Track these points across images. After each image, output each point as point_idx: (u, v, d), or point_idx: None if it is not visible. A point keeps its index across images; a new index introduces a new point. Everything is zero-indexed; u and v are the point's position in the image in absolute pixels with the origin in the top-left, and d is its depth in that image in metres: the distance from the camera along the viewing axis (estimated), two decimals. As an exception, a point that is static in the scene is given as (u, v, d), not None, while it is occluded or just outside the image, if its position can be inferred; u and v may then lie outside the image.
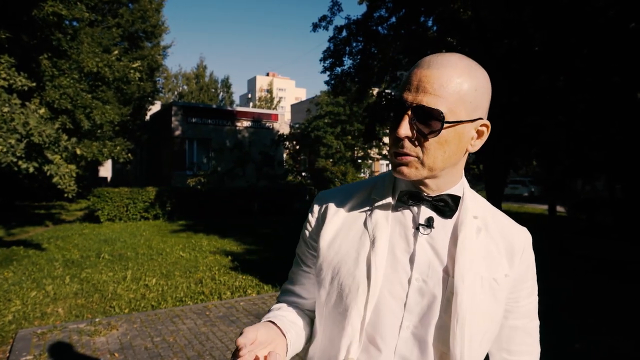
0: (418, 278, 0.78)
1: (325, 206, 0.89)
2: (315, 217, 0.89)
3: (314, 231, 0.88)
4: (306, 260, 0.91)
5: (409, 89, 0.73)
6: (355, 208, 0.86)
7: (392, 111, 0.76)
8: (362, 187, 0.89)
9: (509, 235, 0.86)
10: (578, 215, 14.21)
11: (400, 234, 0.81)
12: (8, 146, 5.40)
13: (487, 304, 0.79)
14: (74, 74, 9.42)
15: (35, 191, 17.30)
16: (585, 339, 3.81)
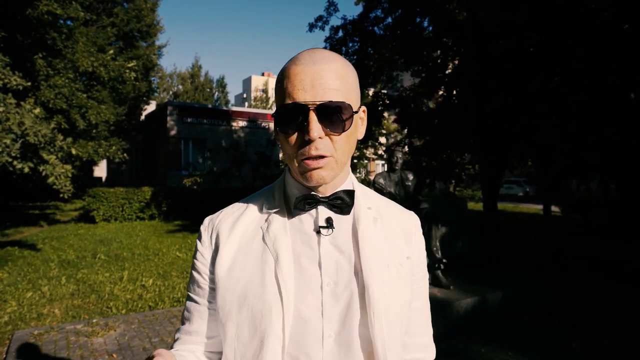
0: (329, 282, 0.75)
1: (214, 231, 0.81)
2: (205, 246, 0.81)
3: (208, 261, 0.80)
4: (203, 295, 0.81)
5: (303, 89, 0.70)
6: (249, 226, 0.80)
7: (291, 117, 0.72)
8: (251, 202, 0.84)
9: (401, 220, 0.88)
10: (572, 215, 14.30)
11: (302, 241, 0.77)
12: (3, 146, 5.36)
13: (398, 291, 0.79)
14: (69, 74, 9.37)
15: (29, 191, 17.20)
16: (581, 339, 3.84)
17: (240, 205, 0.85)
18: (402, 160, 5.19)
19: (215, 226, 0.82)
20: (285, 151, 0.76)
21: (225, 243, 0.79)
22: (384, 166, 35.83)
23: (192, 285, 0.83)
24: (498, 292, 4.38)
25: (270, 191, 0.84)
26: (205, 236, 0.82)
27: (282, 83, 0.73)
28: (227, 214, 0.83)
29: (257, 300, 0.73)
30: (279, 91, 0.74)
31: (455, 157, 11.71)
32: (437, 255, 4.51)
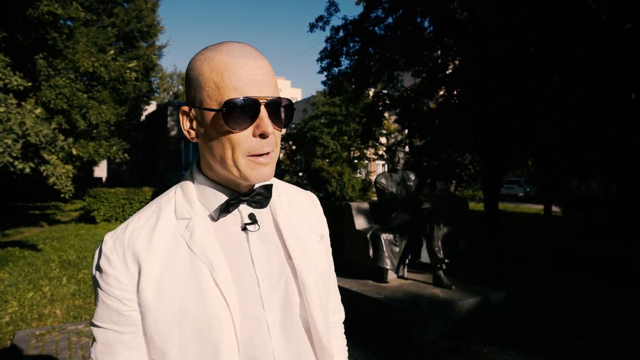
0: (264, 277, 0.76)
1: (127, 251, 0.72)
2: (119, 269, 0.71)
3: (127, 285, 0.71)
4: (127, 323, 0.72)
5: (251, 83, 0.69)
6: (167, 238, 0.73)
7: (242, 113, 0.68)
8: (156, 213, 0.76)
9: (306, 201, 0.93)
10: (573, 215, 14.29)
11: (230, 242, 0.76)
12: (4, 146, 5.36)
13: (322, 267, 0.85)
14: (69, 74, 9.37)
15: (30, 191, 17.19)
16: (583, 339, 3.83)
17: (145, 218, 0.75)
18: (404, 160, 5.19)
19: (127, 245, 0.72)
20: (219, 148, 0.71)
21: (145, 261, 0.71)
22: (384, 166, 35.83)
23: (108, 314, 0.72)
24: (500, 292, 4.37)
25: (172, 198, 0.78)
26: (115, 258, 0.71)
27: (221, 75, 0.68)
28: (135, 229, 0.74)
29: (200, 313, 0.69)
30: (218, 83, 0.68)
31: (456, 157, 11.70)
32: (439, 255, 4.50)
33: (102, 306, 0.72)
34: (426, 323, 3.76)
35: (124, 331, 0.72)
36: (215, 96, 0.69)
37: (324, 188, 21.91)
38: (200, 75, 0.70)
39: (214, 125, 0.70)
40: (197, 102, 0.71)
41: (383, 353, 3.55)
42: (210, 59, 0.70)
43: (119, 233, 0.74)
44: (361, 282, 4.72)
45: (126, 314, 0.71)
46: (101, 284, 0.72)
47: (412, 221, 4.79)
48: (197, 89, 0.71)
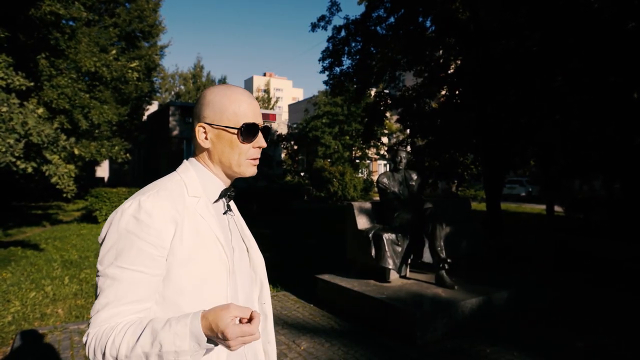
0: (235, 248, 1.08)
1: (166, 213, 0.94)
2: (162, 224, 0.93)
3: (163, 238, 0.93)
4: (155, 267, 0.92)
5: (256, 115, 1.07)
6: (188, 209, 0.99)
7: (251, 132, 1.05)
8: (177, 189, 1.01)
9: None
10: (575, 215, 14.25)
11: (220, 219, 1.07)
12: (7, 146, 5.36)
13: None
14: (71, 74, 9.37)
15: (32, 191, 17.22)
16: (586, 339, 3.82)
17: (170, 191, 1.00)
18: (406, 160, 5.18)
19: (165, 206, 0.95)
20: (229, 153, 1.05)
21: (179, 222, 0.95)
22: (386, 166, 35.80)
23: (140, 258, 0.91)
24: (502, 292, 4.36)
25: (181, 182, 1.03)
26: (158, 214, 0.93)
27: (240, 107, 1.04)
28: (167, 196, 0.97)
29: (212, 259, 0.98)
30: (236, 112, 1.04)
31: (458, 157, 11.67)
32: (442, 255, 4.49)
33: (137, 252, 0.91)
34: (428, 323, 3.75)
35: (152, 273, 0.92)
36: (233, 119, 1.04)
37: (326, 188, 21.89)
38: (222, 105, 1.04)
39: (229, 138, 1.05)
40: (217, 121, 1.04)
41: (385, 353, 3.54)
42: (229, 95, 1.05)
43: (155, 196, 0.96)
44: (363, 282, 4.71)
45: (158, 259, 0.92)
46: (139, 233, 0.91)
47: (414, 221, 4.78)
48: (218, 113, 1.04)
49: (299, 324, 4.25)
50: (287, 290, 5.49)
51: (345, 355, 3.52)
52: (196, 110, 1.07)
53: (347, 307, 4.54)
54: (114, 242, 0.92)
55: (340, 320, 4.34)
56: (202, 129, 1.05)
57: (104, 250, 0.93)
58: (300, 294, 5.27)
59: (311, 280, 5.27)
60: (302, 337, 3.90)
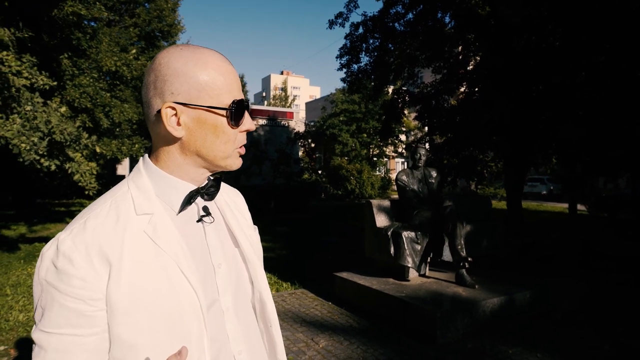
0: (219, 264, 0.83)
1: (91, 249, 0.70)
2: (84, 269, 0.69)
3: (94, 284, 0.69)
4: (88, 325, 0.69)
5: (239, 87, 0.79)
6: (132, 235, 0.73)
7: (241, 112, 0.79)
8: (113, 210, 0.75)
9: (235, 194, 1.01)
10: (599, 214, 13.91)
11: (190, 233, 0.80)
12: (31, 144, 5.47)
13: (261, 254, 0.97)
14: (93, 73, 9.54)
15: (55, 189, 17.62)
16: (612, 341, 3.71)
17: (104, 215, 0.74)
18: (425, 157, 5.11)
19: (91, 242, 0.70)
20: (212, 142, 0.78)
21: (114, 258, 0.70)
22: (404, 164, 35.55)
23: (66, 318, 0.68)
24: (525, 292, 4.27)
25: (126, 194, 0.78)
26: (78, 257, 0.69)
27: (221, 78, 0.76)
28: (96, 226, 0.72)
29: (172, 301, 0.72)
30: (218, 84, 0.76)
31: (477, 155, 11.51)
32: (462, 253, 4.42)
33: (59, 310, 0.68)
34: (449, 322, 3.69)
35: (85, 333, 0.69)
36: (216, 97, 0.75)
37: (343, 186, 21.85)
38: (198, 76, 0.75)
39: (213, 122, 0.77)
40: (194, 100, 0.75)
41: (405, 352, 3.50)
42: (206, 62, 0.76)
43: (78, 231, 0.71)
44: (382, 280, 4.67)
45: (90, 315, 0.69)
46: (59, 285, 0.68)
47: (433, 219, 4.72)
48: (195, 88, 0.74)
49: (317, 322, 4.24)
50: (306, 287, 5.48)
51: (364, 353, 3.49)
52: (155, 84, 0.75)
53: (366, 305, 4.50)
54: (38, 296, 0.71)
55: (359, 318, 4.31)
56: (173, 112, 0.75)
57: (34, 306, 0.72)
58: (319, 291, 5.26)
59: (329, 277, 5.25)
60: (320, 335, 3.89)
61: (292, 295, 5.18)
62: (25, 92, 5.73)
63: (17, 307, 4.67)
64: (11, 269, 6.31)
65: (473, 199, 6.24)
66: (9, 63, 5.25)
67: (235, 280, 0.86)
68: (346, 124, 27.07)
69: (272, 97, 52.09)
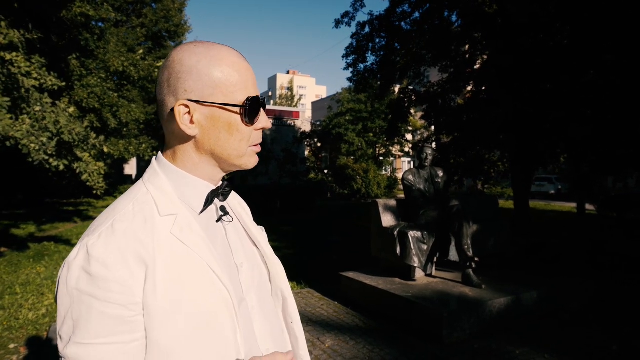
0: (242, 263, 0.82)
1: (127, 254, 0.67)
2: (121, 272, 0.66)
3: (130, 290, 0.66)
4: (131, 331, 0.67)
5: (255, 84, 0.78)
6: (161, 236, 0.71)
7: (256, 109, 0.77)
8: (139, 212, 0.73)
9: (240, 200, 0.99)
10: (608, 213, 13.79)
11: (212, 233, 0.79)
12: (40, 144, 5.52)
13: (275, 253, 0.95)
14: (101, 74, 9.60)
15: (63, 188, 17.76)
16: (620, 342, 3.68)
17: (130, 217, 0.72)
18: (432, 156, 5.10)
19: (125, 245, 0.68)
20: (227, 141, 0.76)
21: (149, 260, 0.68)
22: (410, 163, 35.45)
23: (107, 326, 0.65)
24: (532, 292, 4.24)
25: (147, 196, 0.75)
26: (114, 260, 0.66)
27: (237, 74, 0.75)
28: (125, 229, 0.70)
29: (207, 302, 0.71)
30: (232, 81, 0.74)
31: (484, 154, 11.45)
32: (468, 253, 4.40)
33: (98, 318, 0.65)
34: (455, 322, 3.68)
35: (127, 340, 0.66)
36: (230, 94, 0.74)
37: (349, 185, 21.83)
38: (212, 73, 0.74)
39: (227, 120, 0.75)
40: (207, 97, 0.74)
41: (411, 352, 3.50)
42: (220, 59, 0.75)
43: (107, 235, 0.68)
44: (388, 279, 4.66)
45: (131, 320, 0.66)
46: (96, 293, 0.65)
47: (440, 218, 4.71)
48: (208, 85, 0.74)
49: (323, 322, 4.24)
50: (312, 287, 5.49)
51: (370, 353, 3.49)
52: (169, 82, 0.75)
53: (372, 305, 4.50)
54: (67, 308, 0.66)
55: (365, 318, 4.31)
56: (186, 109, 0.74)
57: (59, 320, 0.67)
58: (325, 291, 5.26)
59: (335, 277, 5.25)
60: (326, 335, 3.90)
61: (298, 295, 5.19)
62: (35, 93, 5.78)
63: (27, 305, 4.73)
64: (21, 268, 6.38)
65: (480, 199, 6.21)
66: (19, 64, 5.31)
67: (258, 278, 0.86)
68: (352, 124, 27.03)
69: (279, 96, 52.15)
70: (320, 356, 3.45)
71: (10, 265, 6.53)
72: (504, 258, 5.52)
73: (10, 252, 7.46)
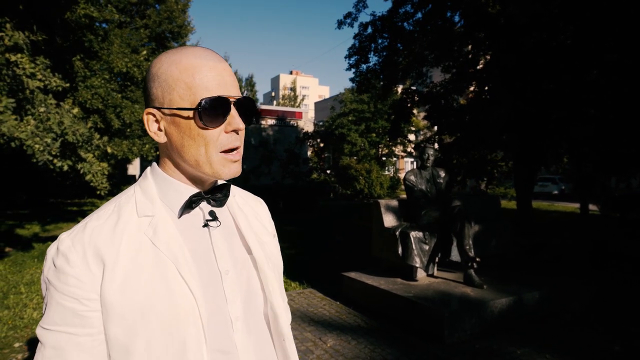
0: (227, 271, 0.78)
1: (88, 249, 0.71)
2: (80, 268, 0.70)
3: (88, 284, 0.69)
4: (83, 325, 0.69)
5: (220, 84, 0.73)
6: (130, 235, 0.73)
7: (215, 111, 0.72)
8: (116, 212, 0.76)
9: (257, 203, 0.99)
10: (611, 214, 13.75)
11: (194, 237, 0.78)
12: (44, 145, 5.57)
13: (278, 264, 0.91)
14: (104, 75, 9.66)
15: (67, 188, 17.85)
16: (623, 342, 3.68)
17: (105, 217, 0.75)
18: (434, 157, 5.11)
19: (87, 243, 0.71)
20: (190, 146, 0.74)
21: (109, 258, 0.70)
22: (413, 164, 35.41)
23: (62, 316, 0.69)
24: (534, 292, 4.25)
25: (131, 197, 0.78)
26: (74, 256, 0.70)
27: (192, 76, 0.72)
28: (95, 227, 0.73)
29: (168, 306, 0.70)
30: (190, 83, 0.72)
31: (487, 154, 11.44)
32: (470, 253, 4.42)
33: (56, 307, 0.70)
34: (457, 322, 3.70)
35: (79, 333, 0.69)
36: (187, 96, 0.72)
37: (352, 185, 21.84)
38: (170, 77, 0.73)
39: (187, 125, 0.73)
40: (167, 103, 0.73)
41: (412, 352, 3.51)
42: (178, 62, 0.73)
43: (77, 232, 0.73)
44: (390, 279, 4.68)
45: (84, 315, 0.69)
46: (56, 284, 0.70)
47: (442, 219, 4.72)
48: (167, 90, 0.73)
49: (325, 321, 4.26)
50: (314, 287, 5.51)
51: (371, 353, 3.51)
52: (144, 92, 0.77)
53: (374, 305, 4.52)
54: (43, 294, 0.73)
55: (367, 318, 4.33)
56: (152, 117, 0.75)
57: None
58: (327, 291, 5.28)
59: (337, 277, 5.27)
60: (328, 335, 3.91)
61: (300, 294, 5.22)
62: (39, 94, 5.83)
63: (31, 305, 4.77)
64: (25, 268, 6.43)
65: (482, 199, 6.22)
66: (24, 65, 5.35)
67: (246, 287, 0.82)
68: (355, 124, 27.05)
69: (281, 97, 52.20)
70: (322, 356, 3.47)
71: (15, 265, 6.58)
72: (506, 258, 5.53)
73: (15, 252, 7.52)
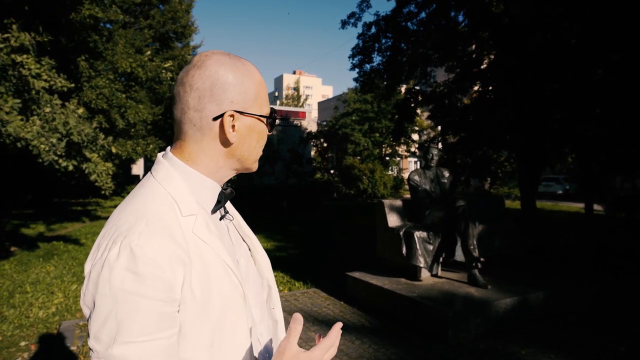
0: (240, 257, 0.89)
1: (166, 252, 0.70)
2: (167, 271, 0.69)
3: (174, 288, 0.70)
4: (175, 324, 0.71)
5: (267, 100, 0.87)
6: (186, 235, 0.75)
7: (274, 121, 0.89)
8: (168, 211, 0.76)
9: None
10: (617, 214, 13.68)
11: (220, 230, 0.85)
12: (50, 145, 5.60)
13: None
14: (109, 75, 9.69)
15: (72, 188, 17.94)
16: (627, 343, 3.67)
17: (160, 221, 0.74)
18: (438, 157, 5.10)
19: (164, 248, 0.70)
20: (254, 148, 0.86)
21: (185, 257, 0.72)
22: (416, 164, 35.35)
23: (156, 323, 0.68)
24: (538, 293, 4.24)
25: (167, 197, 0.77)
26: (160, 260, 0.69)
27: (263, 90, 0.86)
28: (161, 231, 0.72)
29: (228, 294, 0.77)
30: (262, 96, 0.85)
31: (491, 154, 11.41)
32: (474, 253, 4.41)
33: (145, 317, 0.67)
34: (461, 323, 3.70)
35: (169, 335, 0.70)
36: (263, 107, 0.85)
37: (356, 185, 21.83)
38: (249, 88, 0.82)
39: (262, 129, 0.86)
40: (249, 109, 0.82)
41: (416, 352, 3.51)
42: (251, 74, 0.83)
43: (147, 235, 0.70)
44: (394, 279, 4.68)
45: (174, 316, 0.70)
46: (142, 290, 0.67)
47: (446, 219, 4.71)
48: (249, 98, 0.82)
49: (329, 321, 4.27)
50: (318, 287, 5.51)
51: (375, 353, 3.51)
52: (212, 91, 0.79)
53: (378, 305, 4.52)
54: (109, 309, 0.67)
55: (371, 317, 4.33)
56: (232, 119, 0.80)
57: (97, 322, 0.68)
58: (331, 291, 5.29)
59: (341, 277, 5.27)
60: (332, 334, 3.91)
61: (304, 294, 5.22)
62: (45, 95, 5.86)
63: (37, 304, 4.80)
64: (30, 267, 6.47)
65: (486, 199, 6.21)
66: (29, 66, 5.38)
67: (252, 272, 0.92)
68: (358, 124, 27.03)
69: (285, 96, 52.22)
70: (326, 355, 3.47)
71: (20, 265, 6.63)
72: (510, 258, 5.51)
73: (20, 252, 7.56)
